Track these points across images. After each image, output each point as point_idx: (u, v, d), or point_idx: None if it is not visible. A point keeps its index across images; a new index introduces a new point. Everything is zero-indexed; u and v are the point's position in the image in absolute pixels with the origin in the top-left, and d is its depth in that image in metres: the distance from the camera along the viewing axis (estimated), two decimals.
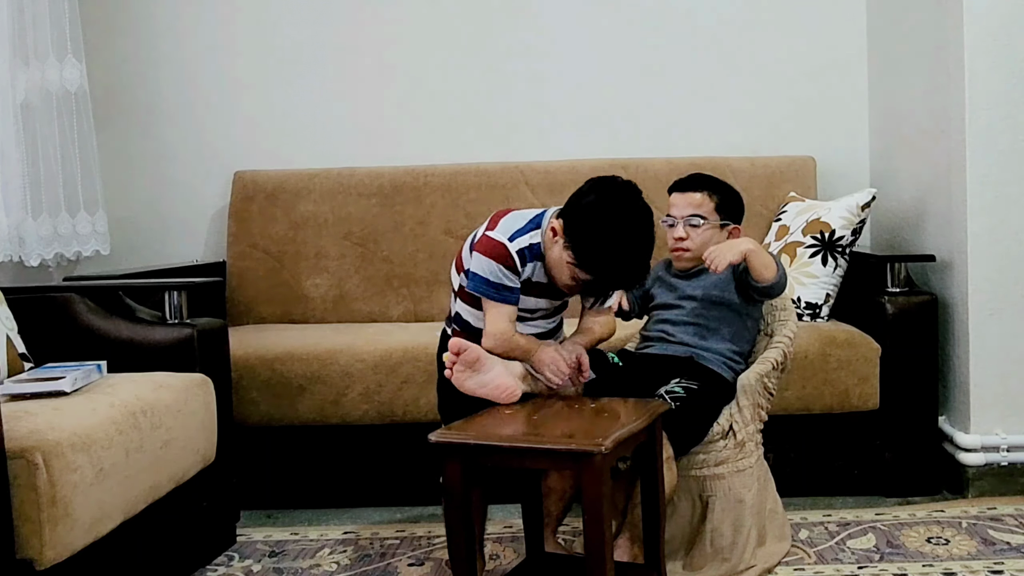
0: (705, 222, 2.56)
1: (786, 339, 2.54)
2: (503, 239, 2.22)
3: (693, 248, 2.56)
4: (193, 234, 3.82)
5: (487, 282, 2.22)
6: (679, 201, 2.60)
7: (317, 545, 2.75)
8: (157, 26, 3.78)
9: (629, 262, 2.15)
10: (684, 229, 2.57)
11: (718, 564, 2.38)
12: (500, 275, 2.21)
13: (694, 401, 2.35)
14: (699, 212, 2.57)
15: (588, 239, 2.12)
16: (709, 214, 2.57)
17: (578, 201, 2.18)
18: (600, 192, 2.17)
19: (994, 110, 2.89)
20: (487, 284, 2.22)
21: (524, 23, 3.76)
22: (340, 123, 3.80)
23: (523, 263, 2.23)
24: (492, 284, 2.22)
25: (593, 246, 2.12)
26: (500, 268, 2.21)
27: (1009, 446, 2.92)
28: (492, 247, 2.22)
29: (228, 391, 2.78)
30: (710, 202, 2.58)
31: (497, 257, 2.21)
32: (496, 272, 2.21)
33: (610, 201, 2.15)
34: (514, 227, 2.25)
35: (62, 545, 1.92)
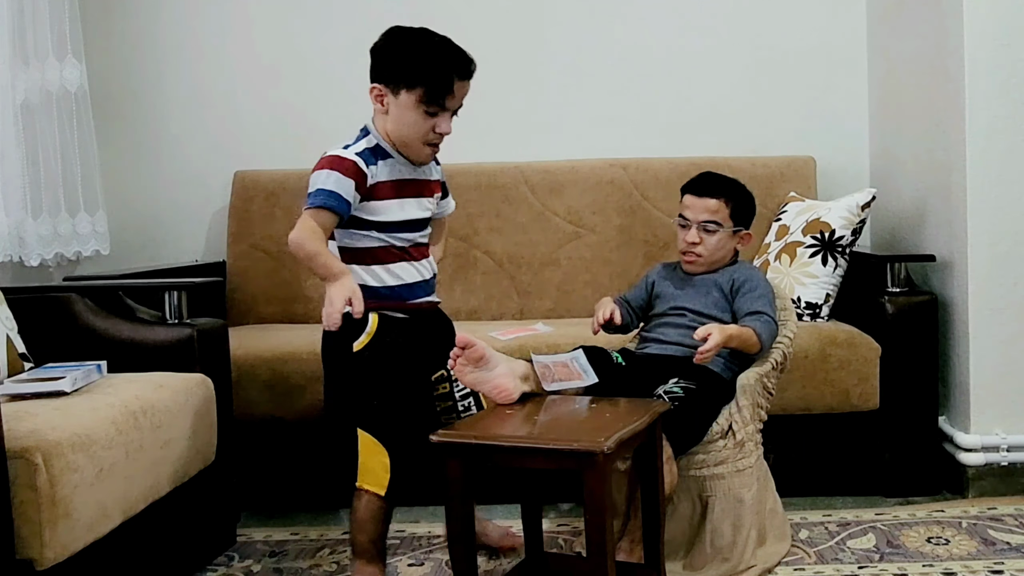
0: (720, 228, 2.57)
1: (786, 339, 2.54)
2: (335, 151, 2.20)
3: (705, 253, 2.57)
4: (193, 234, 3.81)
5: (318, 191, 2.13)
6: (694, 204, 2.59)
7: (317, 545, 2.75)
8: (157, 26, 3.78)
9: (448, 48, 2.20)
10: (698, 234, 2.57)
11: (718, 564, 2.38)
12: (329, 180, 2.13)
13: (693, 401, 2.35)
14: (715, 219, 2.56)
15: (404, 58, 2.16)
16: (724, 220, 2.57)
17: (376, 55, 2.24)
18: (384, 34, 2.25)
19: (994, 110, 2.89)
20: (314, 193, 2.13)
21: (524, 23, 3.76)
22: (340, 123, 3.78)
23: (368, 163, 2.19)
24: (321, 191, 2.13)
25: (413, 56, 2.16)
26: (336, 173, 2.14)
27: (1009, 446, 2.92)
28: (325, 160, 2.18)
29: (228, 391, 2.78)
30: (726, 208, 2.57)
31: (331, 164, 2.16)
32: (326, 178, 2.14)
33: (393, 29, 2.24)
34: (343, 143, 2.23)
35: (62, 545, 1.92)
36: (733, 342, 2.40)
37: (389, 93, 2.19)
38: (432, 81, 2.17)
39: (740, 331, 2.42)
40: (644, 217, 3.54)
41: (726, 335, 2.35)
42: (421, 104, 2.18)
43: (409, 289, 2.28)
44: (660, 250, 3.49)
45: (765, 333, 2.45)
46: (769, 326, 2.47)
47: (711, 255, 2.57)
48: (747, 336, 2.42)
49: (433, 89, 2.17)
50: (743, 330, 2.43)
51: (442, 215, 2.51)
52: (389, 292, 2.27)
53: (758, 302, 2.50)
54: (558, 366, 2.32)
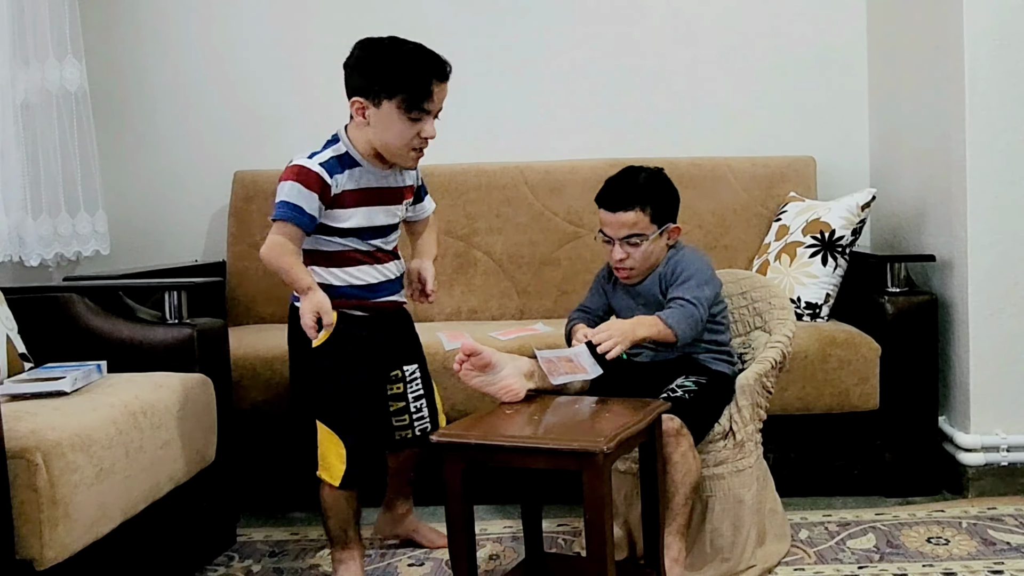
0: (643, 239, 2.42)
1: (785, 339, 2.53)
2: (301, 160, 2.23)
3: (636, 265, 2.44)
4: (193, 234, 3.81)
5: (282, 204, 2.18)
6: (611, 221, 2.42)
7: (317, 545, 2.75)
8: (157, 26, 3.78)
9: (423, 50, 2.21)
10: (624, 249, 2.43)
11: (718, 564, 2.38)
12: (295, 194, 2.18)
13: (704, 395, 2.36)
14: (635, 231, 2.41)
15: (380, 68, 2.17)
16: (645, 229, 2.41)
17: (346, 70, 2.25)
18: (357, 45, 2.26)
19: (994, 110, 2.89)
20: (281, 206, 2.18)
21: (524, 23, 3.76)
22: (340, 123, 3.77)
23: (331, 174, 2.22)
24: (286, 205, 2.18)
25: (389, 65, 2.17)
26: (297, 187, 2.18)
27: (1009, 446, 2.92)
28: (290, 170, 2.21)
29: (228, 391, 2.78)
30: (644, 217, 2.41)
31: (295, 175, 2.20)
32: (292, 191, 2.18)
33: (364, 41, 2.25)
34: (310, 152, 2.26)
35: (62, 545, 1.92)
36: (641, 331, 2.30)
37: (371, 105, 2.21)
38: (411, 88, 2.18)
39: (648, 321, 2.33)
40: None
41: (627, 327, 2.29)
42: (403, 112, 2.19)
43: (371, 289, 2.32)
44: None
45: (674, 317, 2.33)
46: (681, 310, 2.34)
47: (642, 264, 2.44)
48: (652, 323, 2.32)
49: (413, 95, 2.19)
50: (651, 320, 2.33)
51: (417, 218, 2.52)
52: (351, 292, 2.31)
53: (679, 288, 2.40)
54: (563, 360, 2.32)
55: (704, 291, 2.41)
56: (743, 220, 3.51)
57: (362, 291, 2.31)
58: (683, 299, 2.37)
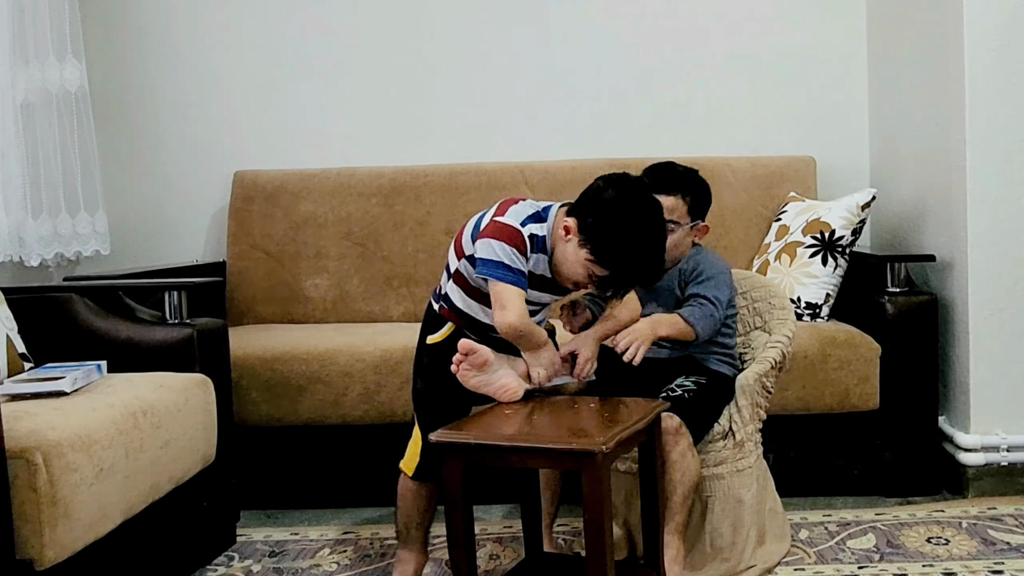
0: (677, 226, 2.46)
1: (785, 339, 2.53)
2: (516, 224, 2.19)
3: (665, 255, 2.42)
4: (193, 234, 3.81)
5: (502, 265, 2.16)
6: None
7: (317, 545, 2.75)
8: (157, 26, 3.78)
9: (650, 258, 2.14)
10: None
11: (718, 564, 2.38)
12: (514, 258, 2.16)
13: (704, 395, 2.36)
14: (672, 217, 2.42)
15: (609, 236, 2.10)
16: (681, 218, 2.47)
17: (596, 197, 2.16)
18: (617, 188, 2.16)
19: (994, 110, 2.89)
20: (502, 267, 2.16)
21: (524, 23, 3.76)
22: (340, 123, 3.80)
23: (532, 249, 2.21)
24: (507, 267, 2.16)
25: (615, 243, 2.10)
26: (514, 251, 2.16)
27: (1009, 446, 2.92)
28: (506, 231, 2.18)
29: (228, 391, 2.78)
30: (683, 205, 2.47)
31: (510, 239, 2.17)
32: (511, 255, 2.16)
33: (628, 197, 2.14)
34: (524, 214, 2.22)
35: (62, 545, 1.92)
36: (662, 330, 2.33)
37: (576, 236, 2.15)
38: (615, 274, 2.15)
39: (669, 319, 2.36)
40: None
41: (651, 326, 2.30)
42: (591, 270, 2.15)
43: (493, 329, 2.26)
44: None
45: (695, 316, 2.36)
46: (702, 309, 2.38)
47: (669, 253, 2.38)
48: (674, 321, 2.36)
49: (611, 279, 2.16)
50: (671, 318, 2.37)
51: None
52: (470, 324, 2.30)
53: (698, 287, 2.42)
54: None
55: (723, 292, 2.45)
56: (743, 220, 3.51)
57: (481, 326, 2.29)
58: (703, 297, 2.41)
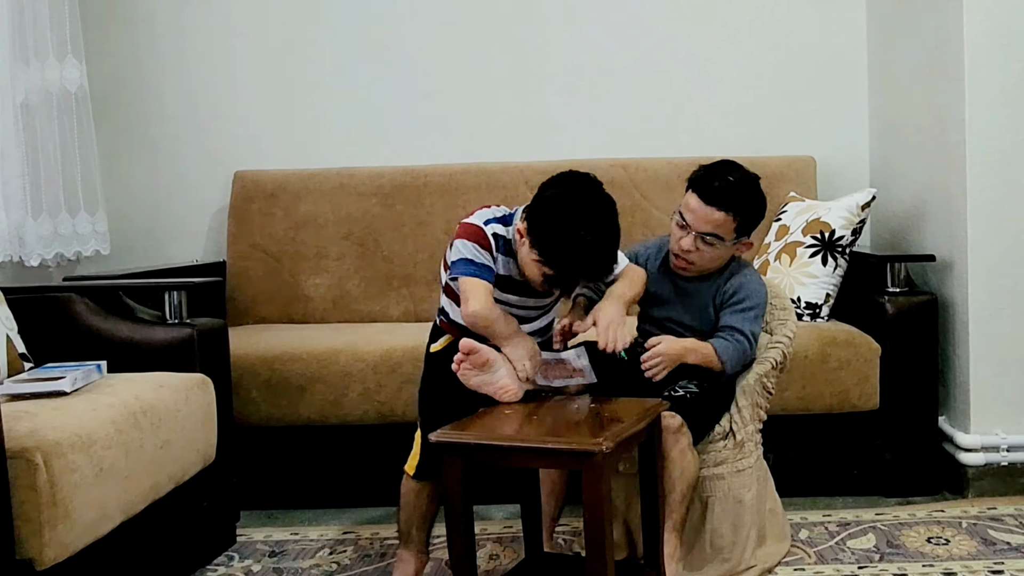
0: (720, 242, 2.35)
1: (785, 339, 2.53)
2: (479, 222, 2.26)
3: (699, 263, 2.39)
4: (193, 234, 3.81)
5: (466, 261, 2.21)
6: (698, 210, 2.33)
7: (317, 545, 2.75)
8: (157, 26, 3.78)
9: (591, 254, 2.14)
10: (695, 243, 2.35)
11: (718, 564, 2.38)
12: (477, 253, 2.21)
13: (706, 398, 2.36)
14: (717, 232, 2.33)
15: (549, 233, 2.12)
16: (727, 235, 2.34)
17: (538, 197, 2.20)
18: (560, 186, 2.19)
19: (994, 110, 2.89)
20: (465, 263, 2.21)
21: (524, 23, 3.76)
22: (340, 123, 3.80)
23: (496, 248, 2.24)
24: (469, 262, 2.21)
25: (554, 240, 2.12)
26: (476, 247, 2.21)
27: (1009, 446, 2.92)
28: (467, 229, 2.25)
29: (228, 391, 2.78)
30: (731, 223, 2.33)
31: (472, 236, 2.23)
32: (473, 250, 2.21)
33: (569, 194, 2.17)
34: (488, 215, 2.29)
35: (62, 545, 1.92)
36: (690, 357, 2.32)
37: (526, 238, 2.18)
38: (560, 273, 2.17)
39: (698, 347, 2.33)
40: (644, 217, 3.54)
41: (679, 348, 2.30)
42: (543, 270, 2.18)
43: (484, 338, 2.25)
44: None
45: (728, 353, 2.33)
46: (737, 345, 2.34)
47: (705, 265, 2.40)
48: (706, 354, 2.33)
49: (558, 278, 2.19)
50: (702, 347, 2.33)
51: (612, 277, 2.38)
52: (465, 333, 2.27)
53: (738, 317, 2.37)
54: (559, 363, 2.31)
55: (759, 326, 2.41)
56: None
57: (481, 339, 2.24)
58: (740, 332, 2.35)
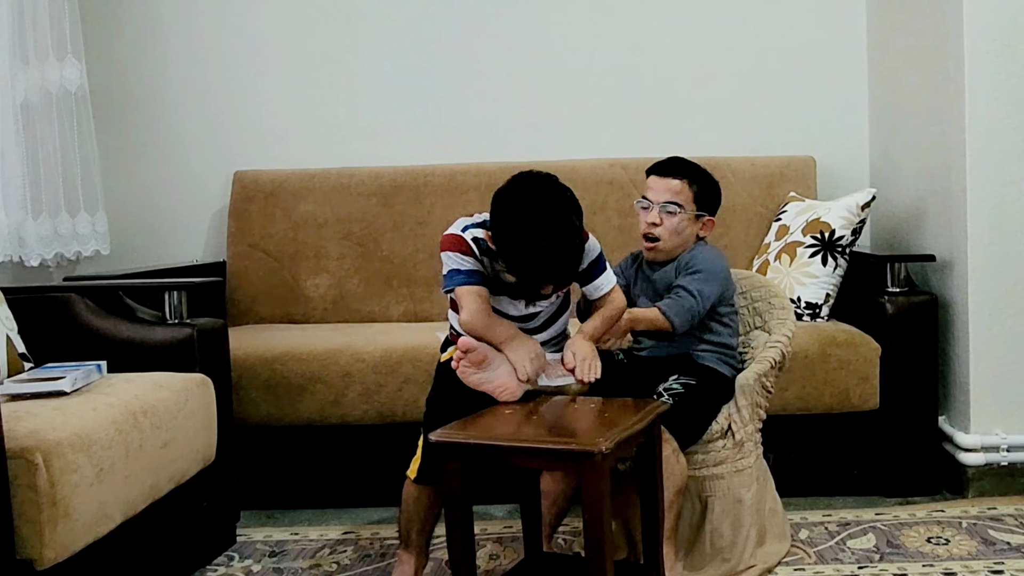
0: (681, 211, 2.50)
1: (784, 338, 2.53)
2: (456, 230, 2.25)
3: (664, 236, 2.50)
4: (193, 234, 3.82)
5: (452, 272, 2.22)
6: (657, 185, 2.54)
7: (317, 545, 2.75)
8: (157, 26, 3.78)
9: (552, 260, 2.09)
10: (659, 215, 2.50)
11: (718, 564, 2.38)
12: (460, 261, 2.22)
13: (692, 397, 2.35)
14: (676, 200, 2.50)
15: (507, 243, 2.10)
16: (686, 203, 2.51)
17: (495, 204, 2.15)
18: (514, 192, 2.15)
19: (994, 110, 2.89)
20: (452, 273, 2.22)
21: (524, 23, 3.76)
22: (340, 123, 3.80)
23: (480, 252, 2.22)
24: (456, 272, 2.22)
25: (513, 249, 2.09)
26: (458, 255, 2.22)
27: (1009, 446, 2.92)
28: (448, 240, 2.25)
29: (228, 391, 2.78)
30: (689, 191, 2.51)
31: (453, 246, 2.23)
32: (455, 259, 2.22)
33: (523, 201, 2.12)
34: (464, 223, 2.28)
35: (62, 545, 1.92)
36: (640, 325, 2.39)
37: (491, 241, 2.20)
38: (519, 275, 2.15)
39: (640, 315, 2.40)
40: None
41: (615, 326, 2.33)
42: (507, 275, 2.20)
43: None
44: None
45: (674, 310, 2.39)
46: (680, 300, 2.40)
47: (670, 238, 2.50)
48: (652, 317, 2.40)
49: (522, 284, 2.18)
50: (644, 312, 2.41)
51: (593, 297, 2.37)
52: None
53: (685, 279, 2.44)
54: (557, 363, 2.31)
55: (710, 287, 2.44)
56: (743, 220, 3.51)
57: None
58: (685, 289, 2.42)
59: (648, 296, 2.54)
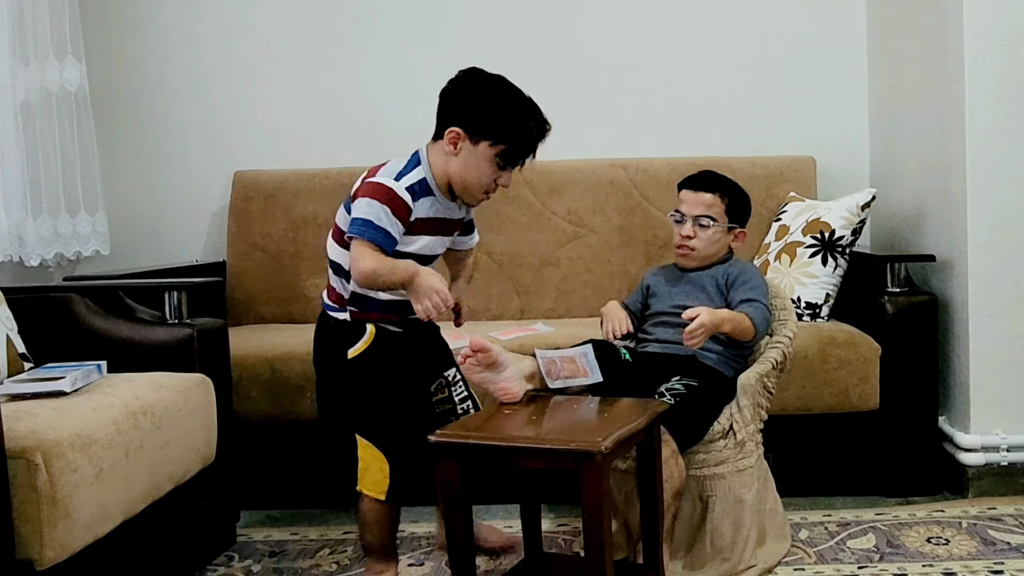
0: (715, 224, 2.59)
1: (785, 339, 2.54)
2: (389, 181, 2.17)
3: (699, 248, 2.60)
4: (193, 234, 3.82)
5: (369, 224, 2.13)
6: (690, 199, 2.62)
7: (317, 545, 2.75)
8: (157, 26, 3.78)
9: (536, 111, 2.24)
10: (692, 228, 2.59)
11: (718, 564, 2.39)
12: (384, 217, 2.13)
13: (694, 398, 2.35)
14: (709, 213, 2.59)
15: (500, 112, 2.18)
16: (719, 216, 2.60)
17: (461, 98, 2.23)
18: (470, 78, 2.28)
19: (994, 110, 2.89)
20: (368, 226, 2.13)
21: (523, 23, 3.76)
22: (340, 123, 3.80)
23: (414, 199, 2.18)
24: (374, 227, 2.13)
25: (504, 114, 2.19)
26: (386, 210, 2.14)
27: (1009, 446, 2.92)
28: (379, 190, 2.15)
29: (228, 391, 2.78)
30: (721, 204, 2.60)
31: (384, 198, 2.14)
32: (380, 214, 2.13)
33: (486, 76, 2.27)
34: (396, 169, 2.21)
35: (62, 545, 1.92)
36: (726, 326, 2.41)
37: (467, 140, 2.19)
38: (519, 142, 2.20)
39: (732, 315, 2.44)
40: (644, 217, 3.54)
41: (717, 317, 2.37)
42: (497, 158, 2.21)
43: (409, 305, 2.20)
44: (660, 250, 3.49)
45: (759, 318, 2.48)
46: (763, 312, 2.50)
47: (705, 249, 2.60)
48: (740, 320, 2.44)
49: (516, 150, 2.22)
50: (735, 314, 2.45)
51: (460, 248, 2.46)
52: (392, 307, 2.27)
53: (752, 292, 2.53)
54: (565, 361, 2.31)
55: (767, 300, 2.55)
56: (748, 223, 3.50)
57: (402, 307, 2.23)
58: (759, 302, 2.51)
59: (684, 292, 2.60)
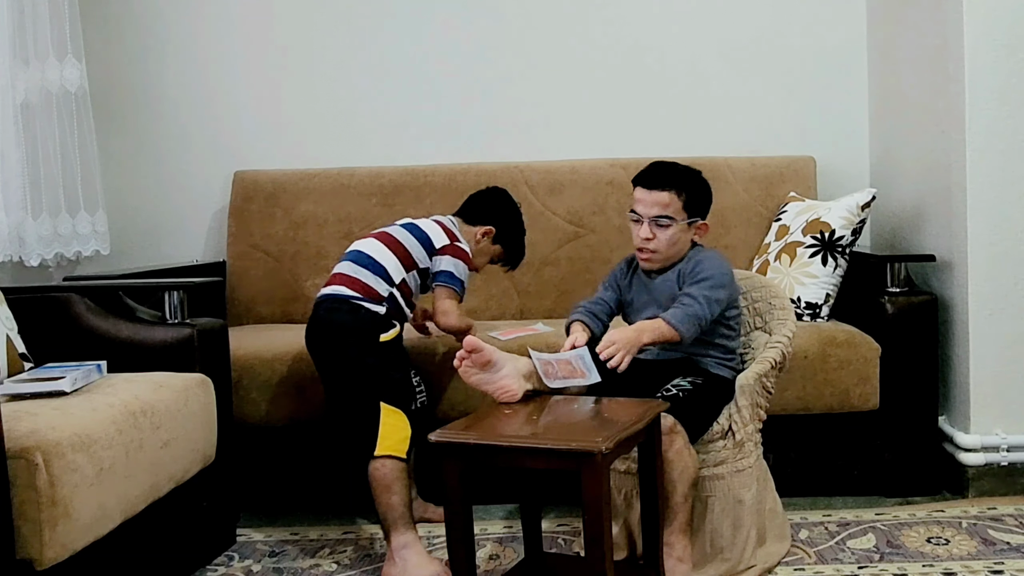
0: (672, 222, 2.46)
1: (785, 339, 2.53)
2: (466, 248, 2.80)
3: (660, 250, 2.48)
4: (193, 234, 3.82)
5: (461, 283, 2.76)
6: (645, 198, 2.48)
7: (317, 545, 2.75)
8: (157, 26, 3.78)
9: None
10: (651, 229, 2.47)
11: (718, 564, 2.39)
12: (465, 275, 2.79)
13: (699, 395, 2.36)
14: (666, 213, 2.45)
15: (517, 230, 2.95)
16: (676, 214, 2.47)
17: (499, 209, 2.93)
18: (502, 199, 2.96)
19: (994, 110, 2.89)
20: (460, 284, 2.76)
21: (524, 23, 3.76)
22: (340, 123, 3.80)
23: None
24: (462, 284, 2.77)
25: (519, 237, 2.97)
26: (466, 269, 2.79)
27: (1009, 446, 2.92)
28: (463, 256, 2.78)
29: (228, 391, 2.78)
30: (678, 201, 2.46)
31: (466, 261, 2.79)
32: (465, 273, 2.78)
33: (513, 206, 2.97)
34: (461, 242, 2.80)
35: (62, 545, 1.92)
36: (645, 336, 2.31)
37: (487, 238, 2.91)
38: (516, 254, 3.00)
39: (649, 325, 2.34)
40: None
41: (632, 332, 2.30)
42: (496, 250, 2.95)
43: None
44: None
45: (677, 318, 2.34)
46: (686, 309, 2.36)
47: (666, 250, 2.48)
48: (656, 327, 2.34)
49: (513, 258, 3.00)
50: (652, 323, 2.35)
51: None
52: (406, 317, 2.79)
53: (691, 287, 2.41)
54: (562, 363, 2.31)
55: (717, 293, 2.42)
56: (743, 220, 3.51)
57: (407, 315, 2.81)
58: (691, 296, 2.39)
59: (650, 307, 2.51)
